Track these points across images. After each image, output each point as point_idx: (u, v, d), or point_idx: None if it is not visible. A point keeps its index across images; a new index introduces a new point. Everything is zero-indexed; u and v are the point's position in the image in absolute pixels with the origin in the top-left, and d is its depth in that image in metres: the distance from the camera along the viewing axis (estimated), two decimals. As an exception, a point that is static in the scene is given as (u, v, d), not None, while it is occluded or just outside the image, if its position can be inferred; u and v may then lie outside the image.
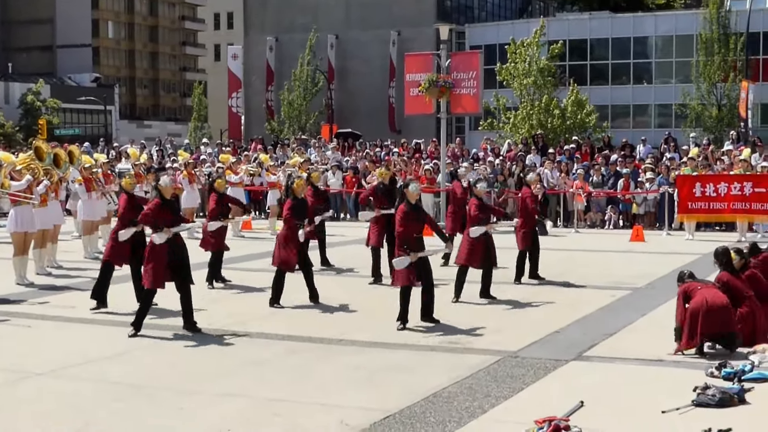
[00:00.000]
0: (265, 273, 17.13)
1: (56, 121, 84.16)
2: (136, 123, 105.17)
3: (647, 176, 28.58)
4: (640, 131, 54.13)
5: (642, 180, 28.80)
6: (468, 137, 58.22)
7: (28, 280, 18.05)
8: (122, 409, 9.53)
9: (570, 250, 23.28)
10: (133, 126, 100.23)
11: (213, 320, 14.11)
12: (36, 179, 18.84)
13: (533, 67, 41.64)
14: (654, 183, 28.13)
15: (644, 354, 11.58)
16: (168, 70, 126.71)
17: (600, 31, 63.82)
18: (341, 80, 69.49)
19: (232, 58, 72.88)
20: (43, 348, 12.54)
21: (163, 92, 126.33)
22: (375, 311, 14.78)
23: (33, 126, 75.01)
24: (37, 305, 15.77)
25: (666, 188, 27.28)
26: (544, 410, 8.92)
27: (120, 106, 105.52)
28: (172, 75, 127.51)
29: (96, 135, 75.79)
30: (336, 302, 15.47)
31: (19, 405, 9.72)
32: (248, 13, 76.61)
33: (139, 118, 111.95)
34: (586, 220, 29.66)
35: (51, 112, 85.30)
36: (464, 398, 9.72)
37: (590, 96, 45.51)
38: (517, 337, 12.72)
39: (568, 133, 40.29)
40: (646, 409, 9.24)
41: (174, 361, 11.73)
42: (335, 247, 21.20)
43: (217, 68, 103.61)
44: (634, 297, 16.21)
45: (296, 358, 11.77)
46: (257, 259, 20.51)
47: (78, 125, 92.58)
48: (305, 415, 9.23)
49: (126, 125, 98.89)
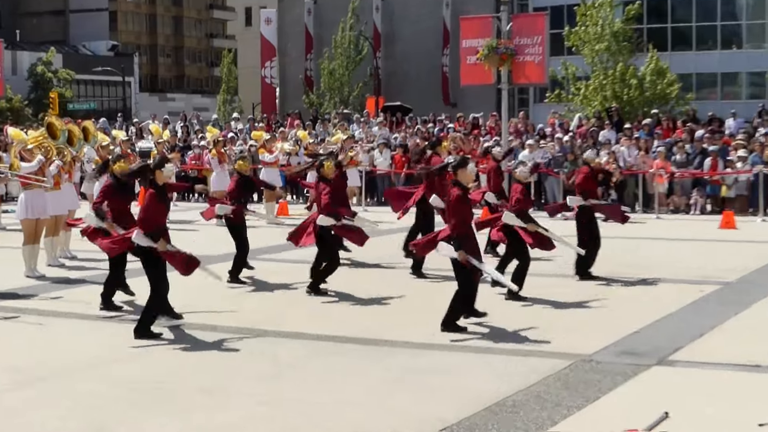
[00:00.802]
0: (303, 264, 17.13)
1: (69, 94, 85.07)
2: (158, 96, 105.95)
3: (738, 154, 28.29)
4: (729, 103, 53.59)
5: (732, 159, 28.51)
6: (532, 111, 57.87)
7: (38, 272, 18.19)
8: (140, 412, 9.57)
9: (650, 239, 23.09)
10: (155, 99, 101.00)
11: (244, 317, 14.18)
12: (48, 159, 18.93)
13: (606, 31, 41.36)
14: (746, 162, 27.83)
15: (737, 358, 11.43)
16: (193, 36, 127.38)
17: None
18: (388, 47, 69.36)
19: (265, 22, 73.01)
20: (57, 347, 12.64)
21: (188, 61, 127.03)
22: (425, 308, 14.71)
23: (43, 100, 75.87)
24: (48, 300, 15.90)
25: (760, 168, 27.00)
26: (622, 422, 8.83)
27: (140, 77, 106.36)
28: (198, 42, 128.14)
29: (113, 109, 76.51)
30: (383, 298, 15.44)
31: (33, 407, 9.79)
32: (283, -28, 76.75)
33: (161, 91, 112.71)
34: (669, 204, 29.42)
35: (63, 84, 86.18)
36: (531, 408, 9.64)
37: (672, 63, 45.03)
38: (591, 338, 12.60)
39: (646, 106, 39.97)
40: (739, 421, 9.12)
41: (196, 360, 11.77)
42: (383, 236, 21.14)
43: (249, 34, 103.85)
44: (724, 293, 16.04)
45: (337, 360, 11.75)
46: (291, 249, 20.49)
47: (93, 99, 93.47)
48: (349, 424, 9.20)
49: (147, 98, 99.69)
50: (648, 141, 30.64)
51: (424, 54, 67.56)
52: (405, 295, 15.91)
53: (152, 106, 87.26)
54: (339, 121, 39.48)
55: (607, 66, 41.36)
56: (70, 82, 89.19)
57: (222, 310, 14.66)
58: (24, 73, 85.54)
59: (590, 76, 41.83)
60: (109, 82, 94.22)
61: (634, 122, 34.61)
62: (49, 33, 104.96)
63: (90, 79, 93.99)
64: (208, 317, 14.11)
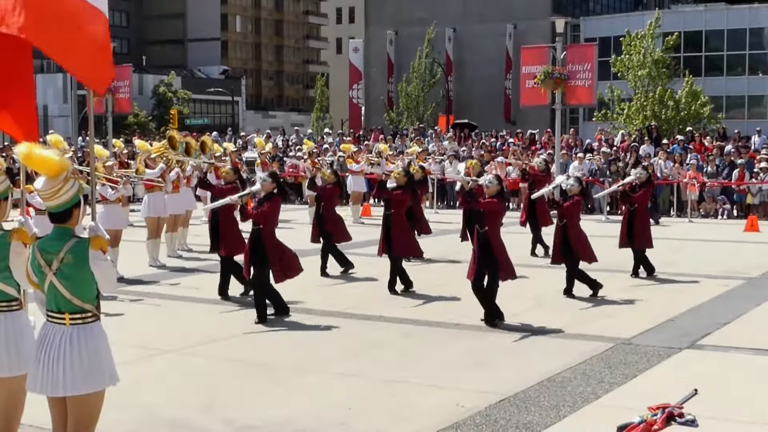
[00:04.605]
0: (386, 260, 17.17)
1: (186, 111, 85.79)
2: (262, 113, 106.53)
3: (761, 166, 27.88)
4: (755, 122, 52.66)
5: (757, 170, 28.09)
6: (582, 128, 57.40)
7: (160, 262, 18.47)
8: (245, 387, 9.68)
9: (683, 240, 22.82)
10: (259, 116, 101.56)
11: (335, 303, 14.27)
12: (169, 167, 19.30)
13: (648, 59, 41.03)
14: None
15: (759, 343, 11.31)
16: (292, 62, 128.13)
17: (715, 23, 62.37)
18: (458, 72, 69.28)
19: (353, 51, 73.32)
20: (173, 327, 12.83)
21: (287, 84, 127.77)
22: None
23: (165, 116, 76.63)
24: (167, 286, 16.14)
25: (782, 178, 26.56)
26: (657, 397, 8.76)
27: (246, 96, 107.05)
28: (296, 67, 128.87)
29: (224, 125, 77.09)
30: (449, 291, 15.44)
31: (151, 380, 9.96)
32: (369, 8, 76.92)
33: (264, 109, 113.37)
34: (700, 209, 29.05)
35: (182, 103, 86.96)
36: (578, 383, 9.61)
37: (705, 87, 44.54)
38: (630, 324, 12.52)
39: (681, 124, 39.54)
40: (761, 398, 9.02)
41: (296, 341, 11.87)
42: (450, 234, 21.14)
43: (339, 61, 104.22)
44: (748, 287, 15.84)
45: (412, 341, 11.80)
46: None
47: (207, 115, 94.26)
48: (420, 396, 9.24)
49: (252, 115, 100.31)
50: (682, 155, 30.30)
51: (489, 78, 67.38)
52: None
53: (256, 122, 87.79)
54: (415, 136, 39.50)
55: (648, 89, 40.99)
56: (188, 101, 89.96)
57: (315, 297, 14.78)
58: (149, 93, 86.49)
59: (633, 98, 41.47)
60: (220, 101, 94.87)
61: (670, 138, 34.22)
62: (170, 59, 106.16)
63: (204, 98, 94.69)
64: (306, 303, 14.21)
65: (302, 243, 17.19)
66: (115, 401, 7.49)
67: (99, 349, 6.36)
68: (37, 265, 6.36)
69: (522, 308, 13.53)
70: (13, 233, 6.77)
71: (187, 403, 9.13)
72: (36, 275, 6.42)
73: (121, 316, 13.18)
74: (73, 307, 6.30)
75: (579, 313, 13.43)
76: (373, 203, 31.10)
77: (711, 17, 62.73)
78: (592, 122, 48.89)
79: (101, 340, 6.41)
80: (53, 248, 6.32)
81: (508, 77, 66.25)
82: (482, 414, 8.62)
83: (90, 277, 6.28)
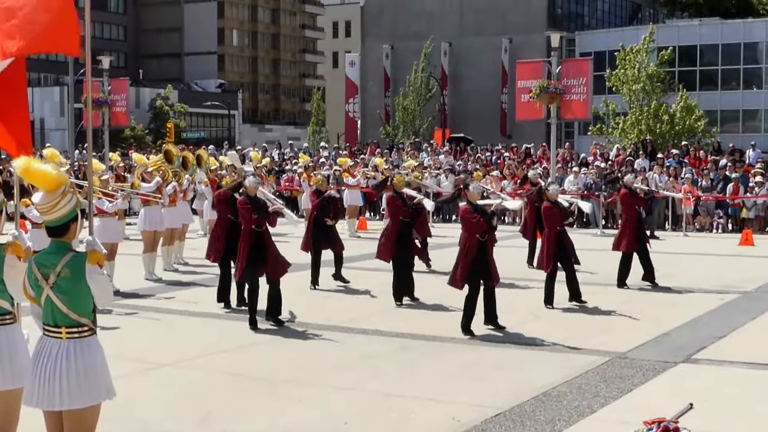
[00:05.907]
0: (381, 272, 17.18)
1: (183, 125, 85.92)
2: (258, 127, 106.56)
3: (756, 180, 27.90)
4: (749, 136, 52.80)
5: (752, 184, 28.10)
6: (577, 142, 57.46)
7: (156, 275, 18.45)
8: (243, 400, 9.66)
9: (678, 254, 22.81)
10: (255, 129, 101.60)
11: (331, 316, 14.26)
12: (166, 181, 19.29)
13: (642, 74, 41.04)
14: (764, 187, 27.42)
15: (754, 357, 11.30)
16: (289, 76, 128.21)
17: (710, 37, 62.43)
18: (454, 86, 69.31)
19: (349, 65, 73.40)
20: (169, 340, 12.81)
21: (284, 97, 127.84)
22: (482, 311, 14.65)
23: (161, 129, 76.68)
24: (164, 300, 16.11)
25: (776, 192, 26.58)
26: (653, 411, 8.72)
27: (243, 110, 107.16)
28: (293, 81, 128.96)
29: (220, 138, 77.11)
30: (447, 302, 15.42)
31: (148, 393, 9.94)
32: (365, 22, 76.97)
33: (261, 122, 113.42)
34: (695, 223, 29.06)
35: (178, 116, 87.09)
36: (574, 397, 9.60)
37: (699, 101, 44.53)
38: (626, 338, 12.52)
39: (676, 138, 39.57)
40: (757, 412, 9.01)
41: (293, 355, 11.85)
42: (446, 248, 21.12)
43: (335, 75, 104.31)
44: (743, 300, 15.83)
45: (408, 354, 11.78)
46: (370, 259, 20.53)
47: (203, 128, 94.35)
48: (417, 410, 9.23)
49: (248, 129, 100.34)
50: (677, 168, 30.33)
51: (485, 92, 67.39)
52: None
53: (253, 135, 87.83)
54: (411, 149, 39.53)
55: (643, 104, 40.99)
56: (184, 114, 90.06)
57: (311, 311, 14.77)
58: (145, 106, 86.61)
59: (628, 113, 41.46)
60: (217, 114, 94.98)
61: (665, 152, 34.25)
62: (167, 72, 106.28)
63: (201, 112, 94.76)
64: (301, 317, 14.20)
65: (300, 257, 17.14)
66: (111, 415, 7.46)
67: (95, 363, 6.35)
68: (34, 278, 6.35)
69: (517, 321, 13.52)
70: (8, 247, 6.77)
71: (183, 416, 9.11)
72: (33, 289, 6.41)
73: (117, 329, 13.16)
74: (69, 320, 6.29)
75: (574, 327, 13.42)
76: (369, 217, 31.12)
77: (705, 32, 62.81)
78: (588, 136, 48.96)
79: (98, 353, 6.40)
80: (50, 262, 6.31)
81: (504, 91, 66.28)
82: (478, 428, 8.61)
83: (87, 291, 6.28)
